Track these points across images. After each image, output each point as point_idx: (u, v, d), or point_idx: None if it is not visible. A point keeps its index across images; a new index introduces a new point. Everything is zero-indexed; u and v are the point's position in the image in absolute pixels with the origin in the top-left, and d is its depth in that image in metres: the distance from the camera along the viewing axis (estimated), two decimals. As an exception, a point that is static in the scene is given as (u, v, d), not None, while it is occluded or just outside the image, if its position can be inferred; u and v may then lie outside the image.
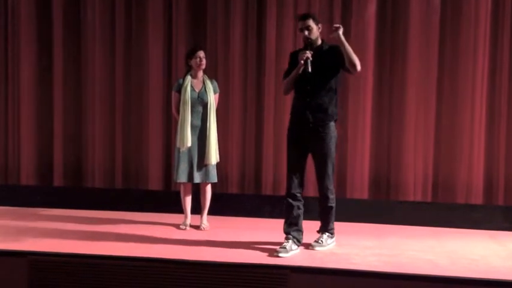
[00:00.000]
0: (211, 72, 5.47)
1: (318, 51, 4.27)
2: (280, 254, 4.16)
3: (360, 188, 5.60)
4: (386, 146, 5.60)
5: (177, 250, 4.34)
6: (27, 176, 6.17)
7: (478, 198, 5.44)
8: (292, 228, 4.34)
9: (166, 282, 3.88)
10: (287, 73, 4.41)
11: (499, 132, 5.43)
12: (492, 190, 5.45)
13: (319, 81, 4.27)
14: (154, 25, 5.90)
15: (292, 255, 4.21)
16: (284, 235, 4.36)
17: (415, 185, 5.53)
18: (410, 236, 4.97)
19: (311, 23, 4.27)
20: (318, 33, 4.33)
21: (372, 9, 5.55)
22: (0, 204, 5.90)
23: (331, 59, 4.28)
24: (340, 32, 4.18)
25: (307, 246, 4.40)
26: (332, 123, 4.35)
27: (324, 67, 4.26)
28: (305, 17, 4.33)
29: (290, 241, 4.28)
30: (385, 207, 5.53)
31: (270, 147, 5.73)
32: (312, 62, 4.17)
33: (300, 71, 4.22)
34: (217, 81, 5.28)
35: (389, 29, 5.56)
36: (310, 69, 4.16)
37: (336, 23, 4.27)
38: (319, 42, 4.35)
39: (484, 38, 5.39)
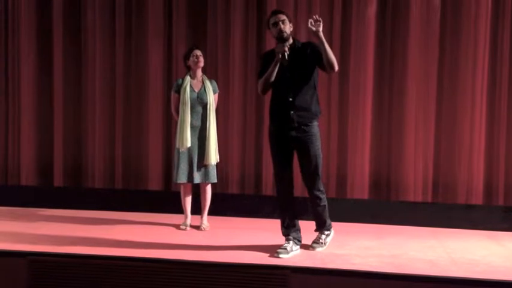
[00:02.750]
0: (211, 73, 5.47)
1: (292, 49, 4.19)
2: (280, 255, 4.15)
3: (360, 188, 5.60)
4: (387, 146, 5.60)
5: (177, 250, 4.33)
6: (27, 177, 6.17)
7: (478, 199, 5.45)
8: (290, 230, 4.33)
9: (166, 282, 3.88)
10: (261, 73, 4.29)
11: (499, 132, 5.44)
12: (492, 190, 5.45)
13: (298, 79, 4.20)
14: (155, 25, 5.90)
15: (293, 255, 4.21)
16: (284, 237, 4.35)
17: (415, 186, 5.53)
18: (410, 236, 4.97)
19: (285, 17, 4.22)
20: (290, 32, 4.24)
21: (372, 9, 5.55)
22: (0, 204, 5.89)
23: (306, 56, 4.21)
24: (320, 28, 4.06)
25: (307, 247, 4.39)
26: (315, 123, 4.29)
27: (301, 65, 4.19)
28: (279, 11, 4.31)
29: (291, 242, 4.27)
30: (386, 208, 5.53)
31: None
32: (288, 56, 4.10)
33: (277, 65, 4.12)
34: (217, 81, 5.28)
35: (389, 30, 5.56)
36: (287, 63, 4.10)
37: (318, 17, 4.08)
38: (291, 40, 4.26)
39: (484, 38, 5.40)
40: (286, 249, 4.20)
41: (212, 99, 5.05)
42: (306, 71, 4.22)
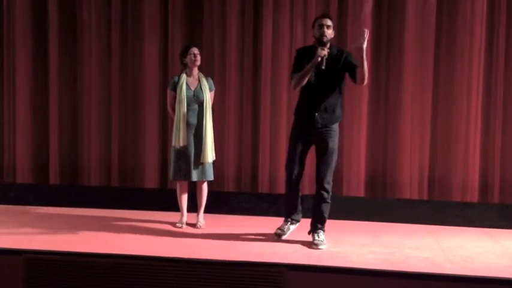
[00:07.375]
0: (207, 71, 5.47)
1: (328, 54, 4.31)
2: (278, 236, 4.49)
3: (356, 186, 5.61)
4: (383, 144, 5.61)
5: (173, 248, 4.34)
6: (22, 174, 6.14)
7: (473, 196, 5.46)
8: (290, 213, 4.60)
9: (162, 280, 3.88)
10: (296, 68, 4.42)
11: (495, 130, 5.45)
12: (488, 188, 5.46)
13: (328, 84, 4.38)
14: (151, 22, 5.87)
15: (290, 232, 4.57)
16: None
17: (411, 183, 5.54)
18: (406, 233, 4.98)
19: (331, 24, 4.39)
20: (330, 38, 4.39)
21: (368, 8, 5.56)
22: (-4, 202, 5.89)
23: (340, 64, 4.36)
24: (365, 44, 4.20)
25: (310, 245, 4.41)
26: (337, 124, 4.49)
27: (333, 71, 4.34)
28: (327, 16, 4.49)
29: (288, 223, 4.57)
30: (382, 205, 5.54)
31: (266, 145, 5.73)
32: (325, 61, 4.26)
33: (314, 66, 4.27)
34: (213, 79, 5.27)
35: (385, 29, 5.56)
36: (324, 66, 4.25)
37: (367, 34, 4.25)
38: (328, 45, 4.38)
39: (480, 37, 5.40)
40: (283, 230, 4.56)
41: (208, 97, 5.04)
42: (337, 77, 4.39)
